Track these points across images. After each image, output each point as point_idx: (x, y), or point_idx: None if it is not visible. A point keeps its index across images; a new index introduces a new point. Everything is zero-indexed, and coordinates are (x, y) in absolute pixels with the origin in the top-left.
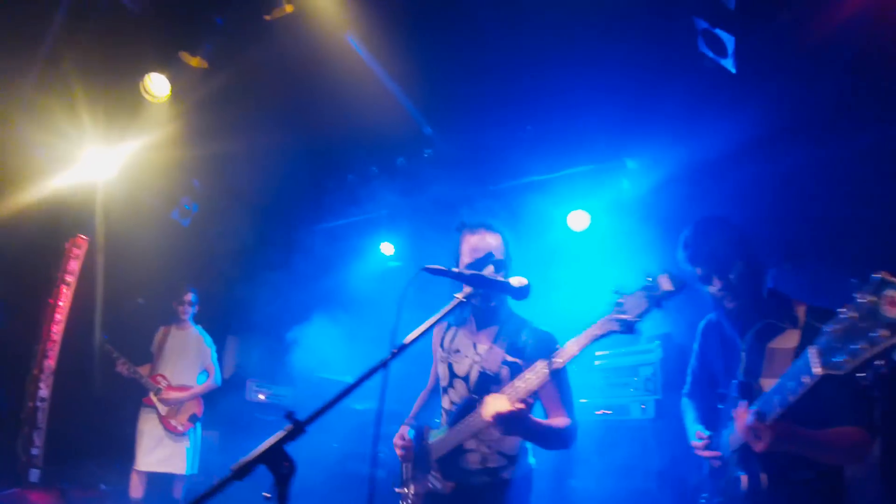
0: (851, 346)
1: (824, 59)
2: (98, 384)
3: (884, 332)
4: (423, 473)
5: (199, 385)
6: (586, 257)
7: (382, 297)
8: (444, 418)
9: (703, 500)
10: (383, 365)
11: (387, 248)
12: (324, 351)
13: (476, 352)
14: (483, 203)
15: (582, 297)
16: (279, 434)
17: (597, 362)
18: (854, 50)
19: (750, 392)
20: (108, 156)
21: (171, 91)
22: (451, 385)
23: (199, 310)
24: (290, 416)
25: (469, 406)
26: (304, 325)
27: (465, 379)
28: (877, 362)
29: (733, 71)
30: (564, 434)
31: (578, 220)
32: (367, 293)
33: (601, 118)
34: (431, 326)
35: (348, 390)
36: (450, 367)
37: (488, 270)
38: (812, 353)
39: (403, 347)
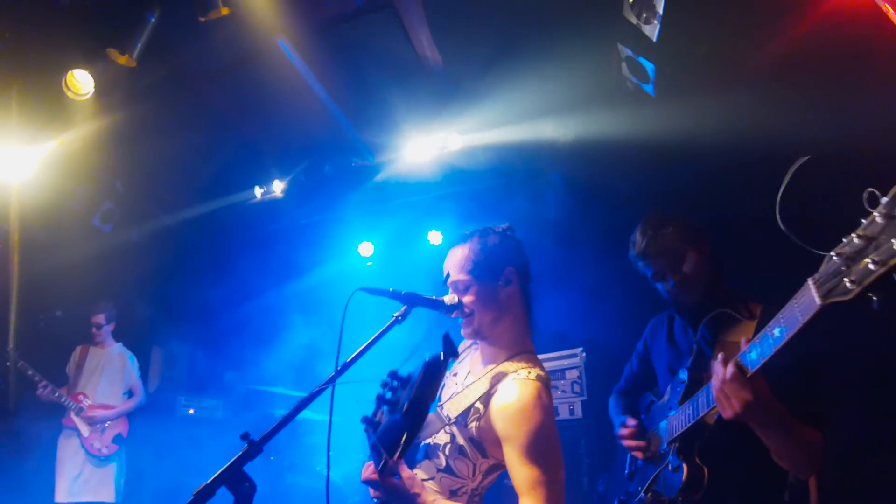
0: (858, 268)
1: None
2: (12, 410)
3: None
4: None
5: (125, 402)
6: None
7: (308, 308)
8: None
9: (623, 498)
10: (330, 382)
11: (365, 248)
12: (252, 361)
13: None
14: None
15: None
16: (237, 455)
17: None
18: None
19: (699, 383)
20: (25, 155)
21: (96, 89)
22: None
23: (115, 327)
24: (245, 436)
25: None
26: (233, 334)
27: None
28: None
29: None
30: None
31: None
32: (293, 303)
33: None
34: (370, 345)
35: (299, 409)
36: None
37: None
38: (810, 283)
39: (347, 366)
